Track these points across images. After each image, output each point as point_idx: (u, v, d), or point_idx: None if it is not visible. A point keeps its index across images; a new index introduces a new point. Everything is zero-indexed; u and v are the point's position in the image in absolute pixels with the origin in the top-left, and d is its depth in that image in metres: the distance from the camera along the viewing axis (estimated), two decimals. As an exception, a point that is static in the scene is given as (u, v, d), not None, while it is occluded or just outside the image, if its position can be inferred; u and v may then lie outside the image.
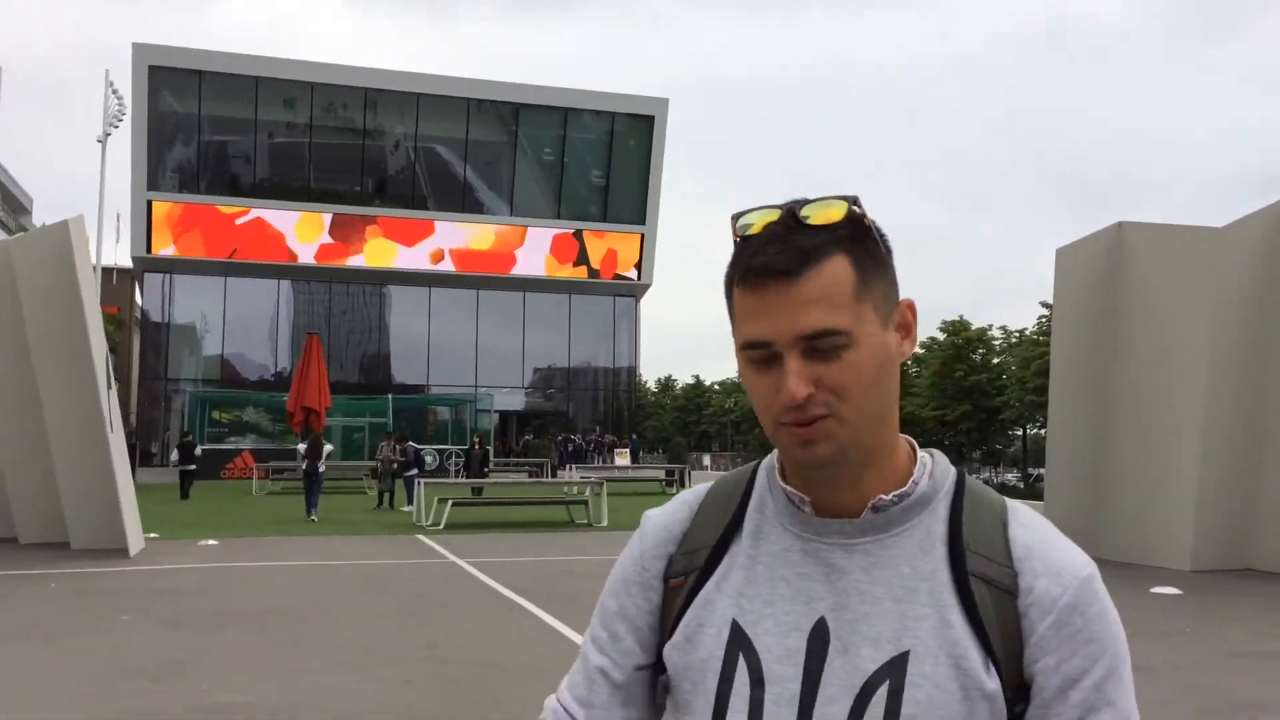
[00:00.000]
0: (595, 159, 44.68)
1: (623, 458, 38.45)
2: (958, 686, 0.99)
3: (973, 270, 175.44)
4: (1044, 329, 46.05)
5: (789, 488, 1.10)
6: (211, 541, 14.28)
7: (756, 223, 1.03)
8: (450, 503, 17.58)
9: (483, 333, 44.24)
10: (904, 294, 1.09)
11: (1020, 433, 55.68)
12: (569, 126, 44.13)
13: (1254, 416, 11.74)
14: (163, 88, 39.65)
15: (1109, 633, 1.03)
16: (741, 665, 1.05)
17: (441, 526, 16.75)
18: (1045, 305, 45.69)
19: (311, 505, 19.30)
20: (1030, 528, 1.06)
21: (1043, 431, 47.84)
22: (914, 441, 1.12)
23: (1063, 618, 1.01)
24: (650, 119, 44.16)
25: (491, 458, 32.07)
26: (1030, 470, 54.15)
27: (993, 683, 1.00)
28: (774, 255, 1.00)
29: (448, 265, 42.22)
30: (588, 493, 20.12)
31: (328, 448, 20.97)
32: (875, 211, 1.06)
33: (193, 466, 25.99)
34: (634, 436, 44.88)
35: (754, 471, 1.18)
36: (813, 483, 1.07)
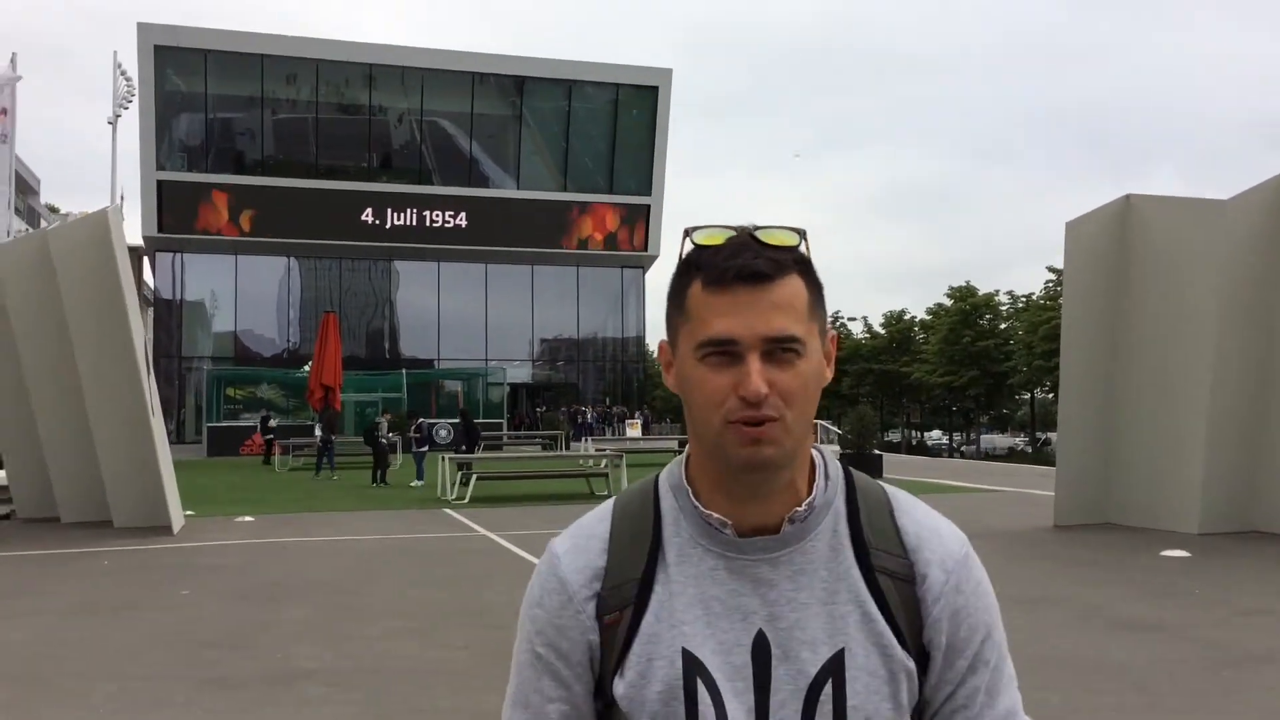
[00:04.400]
0: (600, 130, 44.82)
1: (634, 429, 38.85)
2: (887, 671, 1.12)
3: (986, 228, 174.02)
4: (1051, 294, 46.32)
5: (709, 512, 1.15)
6: (248, 518, 14.73)
7: (718, 236, 1.11)
8: (475, 477, 18.00)
9: (492, 306, 44.60)
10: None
11: (1028, 397, 56.08)
12: (573, 98, 44.25)
13: (1261, 384, 12.09)
14: (168, 67, 39.81)
15: (984, 604, 1.18)
16: (701, 689, 1.11)
17: (466, 500, 17.18)
18: (1052, 270, 46.00)
19: (329, 465, 24.13)
20: (913, 516, 1.19)
21: (1050, 396, 48.34)
22: None
23: (948, 599, 1.15)
24: (654, 89, 44.25)
25: (505, 429, 32.48)
26: (1038, 435, 54.62)
27: (910, 661, 1.14)
28: (750, 260, 1.08)
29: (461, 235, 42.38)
30: (605, 465, 20.55)
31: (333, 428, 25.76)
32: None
33: (271, 436, 30.80)
34: (645, 409, 45.32)
35: (655, 490, 1.21)
36: (738, 496, 1.14)
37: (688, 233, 1.13)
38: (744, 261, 1.08)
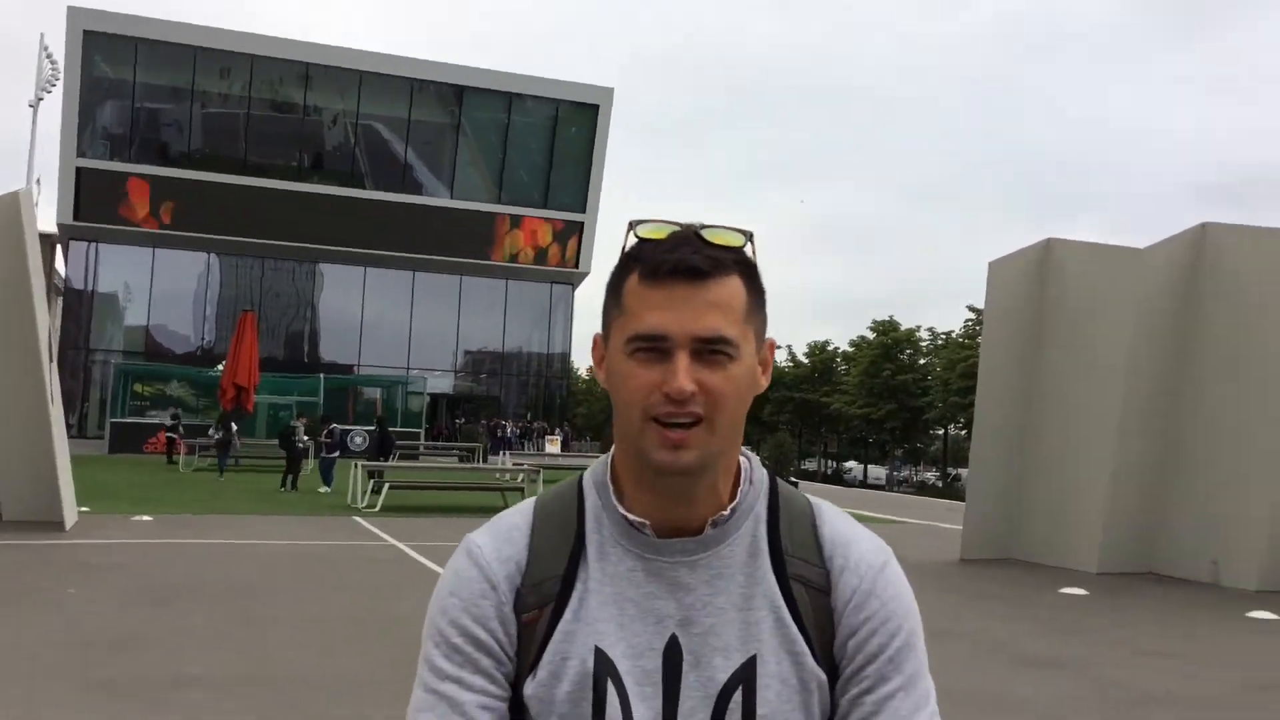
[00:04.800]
0: (538, 144, 44.70)
1: (553, 445, 38.62)
2: (798, 679, 1.09)
3: (913, 265, 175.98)
4: (970, 332, 47.28)
5: (628, 514, 1.12)
6: (146, 517, 14.24)
7: (661, 231, 1.10)
8: (387, 486, 17.68)
9: (417, 314, 44.06)
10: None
11: (942, 432, 57.08)
12: (513, 111, 44.07)
13: (1166, 429, 12.43)
14: (96, 53, 38.71)
15: (901, 611, 1.13)
16: (611, 691, 1.07)
17: (377, 509, 16.85)
18: (972, 309, 46.97)
19: (233, 463, 24.78)
20: (834, 525, 1.16)
21: (964, 433, 49.31)
22: None
23: (860, 603, 1.11)
24: (595, 107, 44.29)
25: (422, 439, 32.05)
26: (949, 470, 55.57)
27: (822, 672, 1.10)
28: (688, 255, 1.06)
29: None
30: (522, 479, 20.37)
31: (234, 428, 25.94)
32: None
33: (173, 435, 30.20)
34: (565, 426, 45.09)
35: (579, 488, 1.18)
36: (660, 497, 1.11)
37: (632, 225, 1.11)
38: (681, 256, 1.06)
